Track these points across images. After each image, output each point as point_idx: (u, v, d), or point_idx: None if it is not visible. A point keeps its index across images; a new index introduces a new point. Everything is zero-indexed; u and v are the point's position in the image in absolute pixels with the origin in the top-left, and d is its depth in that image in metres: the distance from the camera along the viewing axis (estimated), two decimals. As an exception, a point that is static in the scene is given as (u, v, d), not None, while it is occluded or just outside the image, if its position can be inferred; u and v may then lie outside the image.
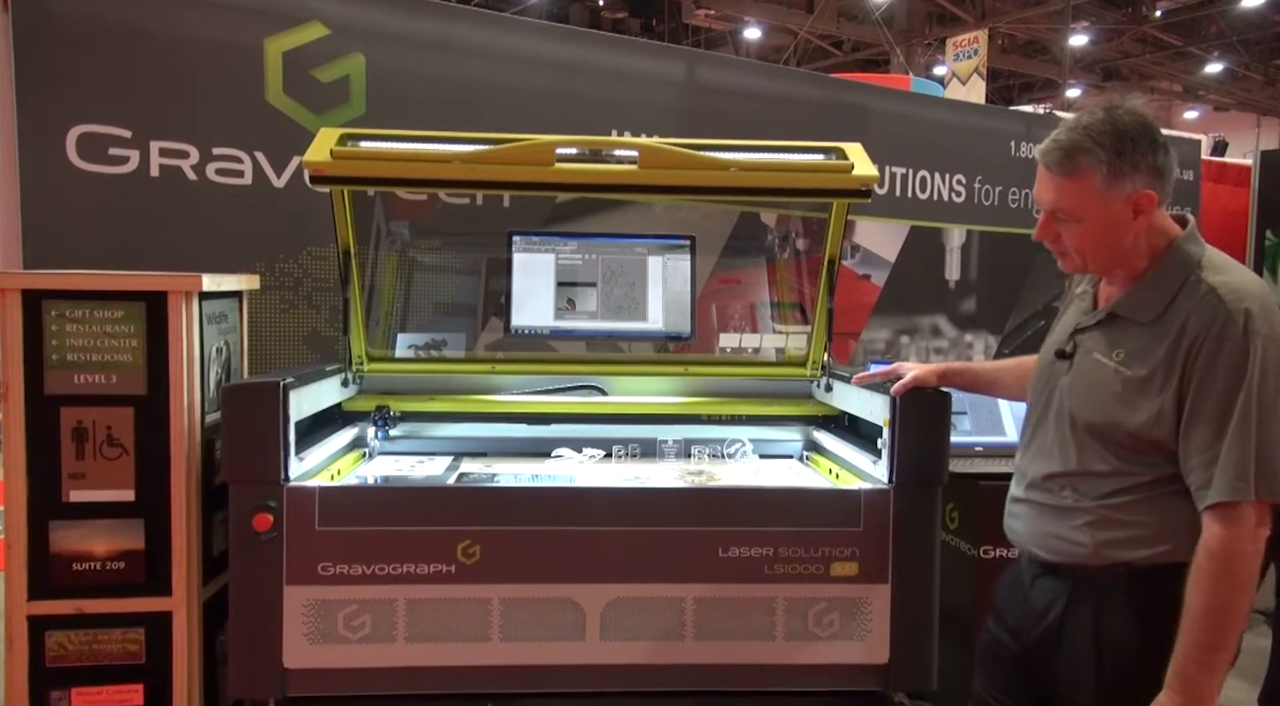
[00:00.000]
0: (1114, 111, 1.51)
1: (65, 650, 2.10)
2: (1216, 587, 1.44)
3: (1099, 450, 1.59)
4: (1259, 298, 1.49)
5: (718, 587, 2.08)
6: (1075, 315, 1.72)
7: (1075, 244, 1.58)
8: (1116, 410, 1.55)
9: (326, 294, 3.04)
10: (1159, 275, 1.56)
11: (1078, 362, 1.64)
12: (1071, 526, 1.62)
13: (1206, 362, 1.47)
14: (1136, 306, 1.58)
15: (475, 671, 2.07)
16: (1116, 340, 1.59)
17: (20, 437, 2.07)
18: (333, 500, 2.04)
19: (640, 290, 2.64)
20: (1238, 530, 1.44)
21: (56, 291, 2.08)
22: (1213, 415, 1.46)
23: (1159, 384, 1.51)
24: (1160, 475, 1.55)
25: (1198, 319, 1.48)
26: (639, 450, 2.67)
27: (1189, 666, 1.45)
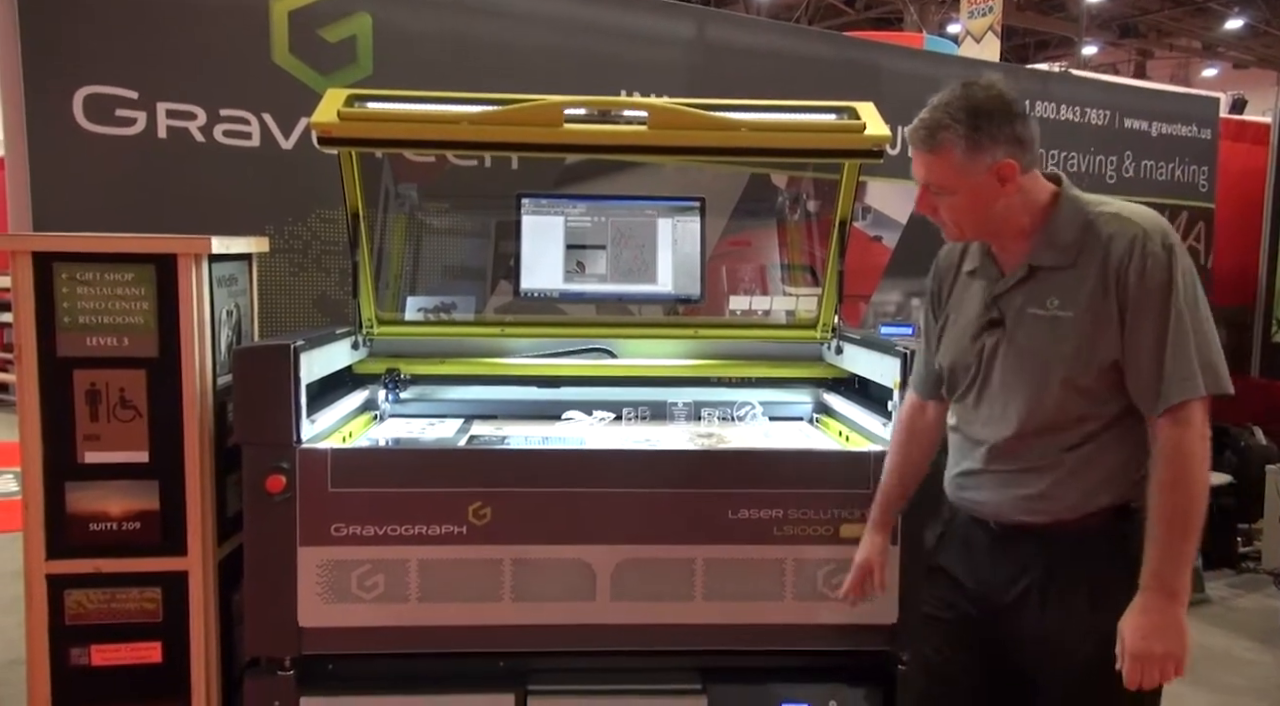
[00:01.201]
0: (970, 88, 1.60)
1: (84, 608, 2.14)
2: (1179, 489, 1.52)
3: (1063, 399, 1.61)
4: (1157, 217, 1.62)
5: (727, 548, 2.10)
6: (981, 290, 1.73)
7: (951, 215, 1.66)
8: (1072, 354, 1.59)
9: (336, 257, 3.04)
10: (1060, 221, 1.63)
11: (1013, 325, 1.67)
12: (1048, 484, 1.64)
13: (1137, 280, 1.55)
14: (1053, 253, 1.63)
15: (487, 630, 2.09)
16: (1045, 290, 1.63)
17: (34, 400, 2.09)
18: (345, 462, 2.05)
19: (650, 252, 2.63)
20: (1188, 430, 1.53)
21: (67, 254, 2.08)
22: (1152, 329, 1.54)
23: (1101, 311, 1.58)
24: (1123, 408, 1.60)
25: (1118, 243, 1.57)
26: (649, 413, 2.67)
27: (1163, 567, 1.53)
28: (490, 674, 2.14)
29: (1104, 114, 4.71)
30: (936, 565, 1.85)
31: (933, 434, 1.91)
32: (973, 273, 1.76)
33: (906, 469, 1.94)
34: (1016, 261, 1.67)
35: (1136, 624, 1.53)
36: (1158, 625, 1.52)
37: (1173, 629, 1.52)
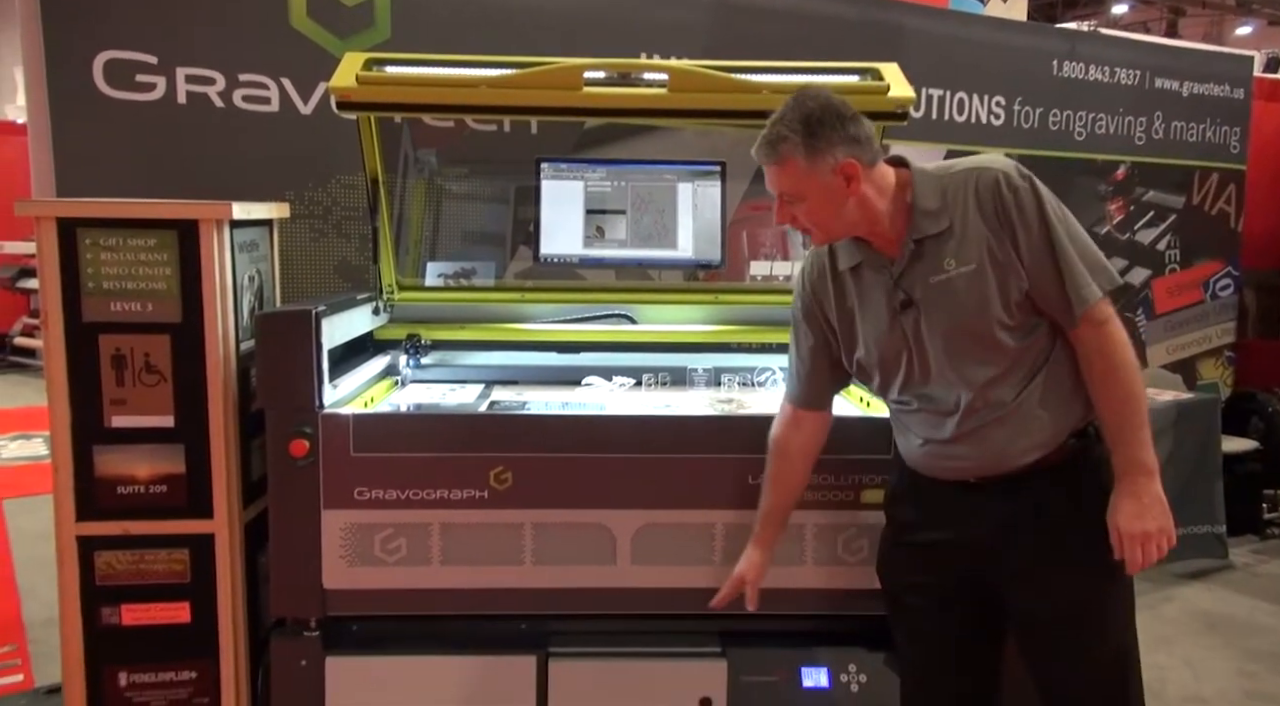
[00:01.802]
0: (801, 99, 1.69)
1: (114, 569, 2.17)
2: (1117, 376, 1.66)
3: (1000, 341, 1.68)
4: (1002, 157, 1.74)
5: (747, 514, 2.10)
6: (878, 281, 1.77)
7: (809, 219, 1.73)
8: (988, 300, 1.67)
9: (356, 222, 3.04)
10: (921, 195, 1.71)
11: (924, 299, 1.72)
12: (1024, 422, 1.70)
13: (1016, 215, 1.66)
14: (929, 221, 1.70)
15: (509, 593, 2.11)
16: (936, 256, 1.70)
17: (61, 364, 2.11)
18: (367, 427, 2.07)
19: (670, 217, 2.61)
20: (1104, 326, 1.66)
21: (90, 219, 2.09)
22: (1044, 253, 1.65)
23: (996, 253, 1.67)
24: (1047, 333, 1.71)
25: (983, 190, 1.67)
26: (669, 378, 2.67)
27: (1132, 450, 1.65)
28: (512, 636, 2.17)
29: (1134, 74, 4.62)
30: (906, 541, 1.90)
31: (810, 446, 1.95)
32: (856, 268, 1.81)
33: (789, 487, 1.97)
34: (898, 242, 1.73)
35: (1126, 509, 1.64)
36: (1146, 504, 1.63)
37: (1158, 503, 1.64)
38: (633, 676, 2.15)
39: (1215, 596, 3.86)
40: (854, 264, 1.80)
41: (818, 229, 1.75)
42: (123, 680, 2.21)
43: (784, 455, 1.95)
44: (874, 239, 1.76)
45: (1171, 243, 4.91)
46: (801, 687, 2.16)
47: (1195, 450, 4.11)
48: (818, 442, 1.96)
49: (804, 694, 2.16)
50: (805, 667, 2.18)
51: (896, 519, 1.94)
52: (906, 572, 1.90)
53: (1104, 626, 1.75)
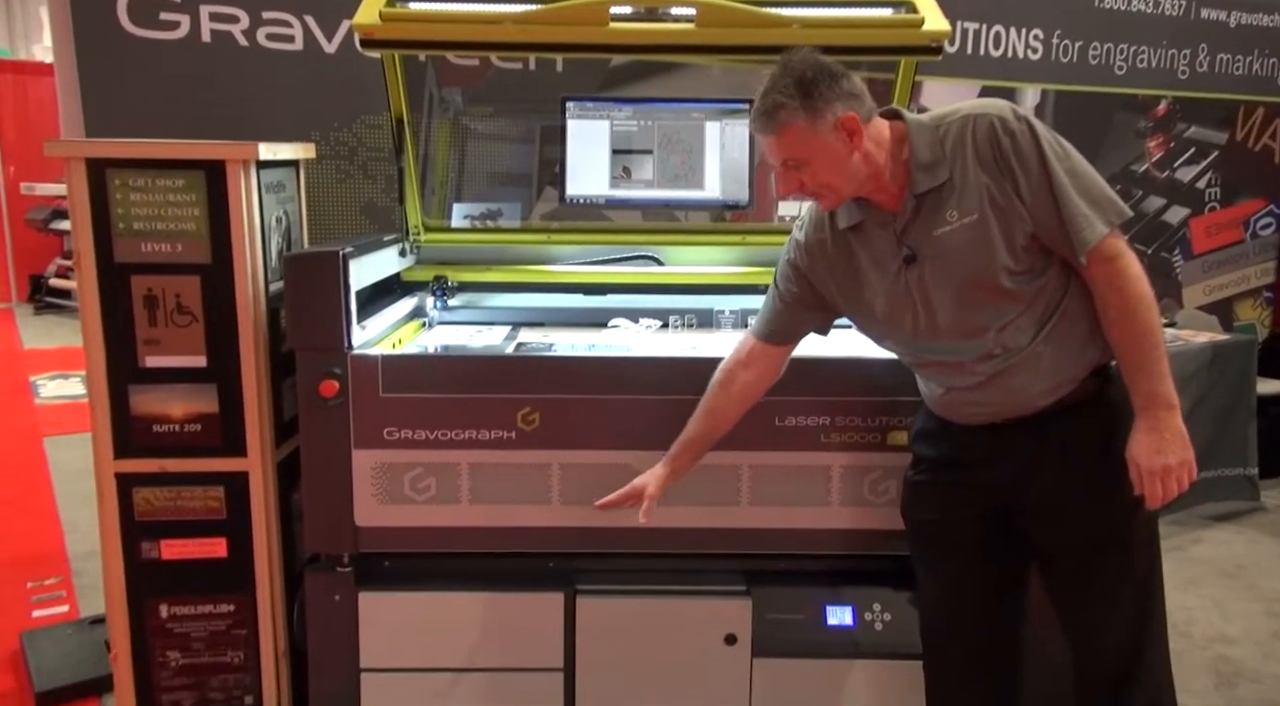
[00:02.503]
0: (789, 65, 1.67)
1: (152, 505, 2.23)
2: (1134, 311, 1.63)
3: (1011, 287, 1.67)
4: (996, 99, 1.72)
5: (773, 455, 2.11)
6: (879, 238, 1.76)
7: (817, 183, 1.71)
8: (993, 247, 1.66)
9: (382, 163, 3.03)
10: (918, 146, 1.69)
11: (929, 252, 1.70)
12: (1051, 362, 1.70)
13: (1015, 158, 1.64)
14: (927, 176, 1.69)
15: (537, 532, 2.14)
16: (938, 210, 1.69)
17: (95, 305, 2.14)
18: (395, 368, 2.08)
19: (697, 157, 2.57)
20: (1117, 260, 1.64)
21: (119, 160, 2.10)
22: (1045, 193, 1.63)
23: (997, 199, 1.65)
24: (1057, 272, 1.70)
25: (980, 137, 1.66)
26: (695, 321, 2.66)
27: (1151, 383, 1.63)
28: (540, 573, 2.21)
29: (1178, 4, 4.46)
30: (928, 480, 1.91)
31: (753, 389, 1.94)
32: (856, 227, 1.78)
33: (714, 416, 1.96)
34: (900, 197, 1.71)
35: (1146, 443, 1.63)
36: (1166, 438, 1.62)
37: (1179, 437, 1.62)
38: (659, 613, 2.19)
39: (1246, 538, 3.85)
40: (855, 223, 1.79)
41: (827, 191, 1.73)
42: (164, 611, 2.28)
43: (725, 387, 1.95)
44: (876, 195, 1.75)
45: (1212, 180, 4.78)
46: (826, 625, 2.19)
47: (1230, 392, 4.05)
48: (763, 385, 1.95)
49: (828, 631, 2.19)
50: (830, 606, 2.20)
51: (921, 457, 1.94)
52: (930, 510, 1.92)
53: (1126, 561, 1.76)
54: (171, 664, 2.30)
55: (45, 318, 8.43)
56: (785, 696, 2.20)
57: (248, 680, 2.32)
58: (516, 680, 2.21)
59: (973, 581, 1.91)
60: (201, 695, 2.33)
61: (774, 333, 1.94)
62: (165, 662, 2.30)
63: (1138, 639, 1.79)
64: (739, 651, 2.18)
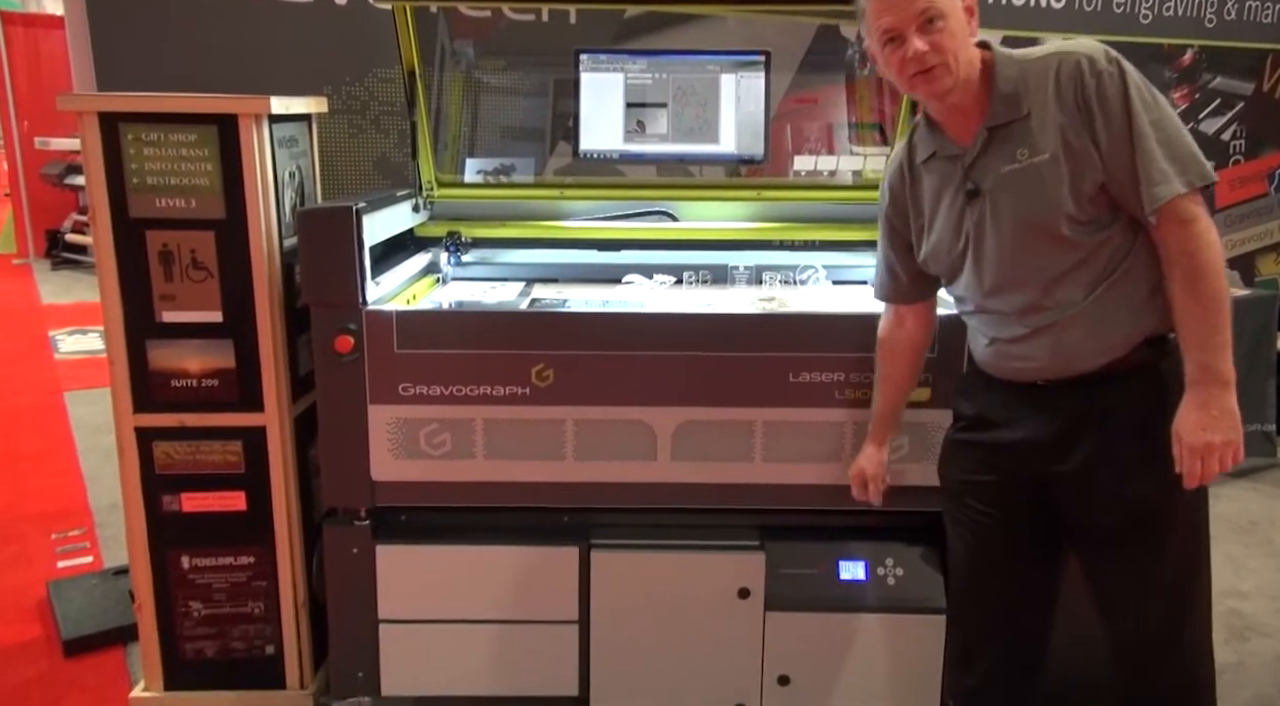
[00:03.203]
0: None
1: (171, 459, 2.25)
2: (1201, 280, 1.55)
3: (1071, 239, 1.61)
4: (1091, 40, 1.63)
5: (787, 411, 2.11)
6: (946, 172, 1.71)
7: (944, 48, 1.59)
8: (1060, 192, 1.59)
9: (394, 118, 3.00)
10: (1000, 79, 1.63)
11: (992, 191, 1.65)
12: (1100, 321, 1.64)
13: (1097, 101, 1.56)
14: (1004, 109, 1.63)
15: (551, 487, 2.16)
16: (1010, 146, 1.63)
17: (111, 260, 2.15)
18: (410, 324, 2.09)
19: (712, 111, 2.54)
20: (1189, 225, 1.55)
21: (131, 114, 2.09)
22: (1124, 142, 1.56)
23: (1073, 142, 1.58)
24: (1124, 229, 1.62)
25: (1065, 74, 1.58)
26: (710, 277, 2.65)
27: (1208, 357, 1.55)
28: (555, 528, 2.23)
29: (1207, -51, 4.34)
30: (967, 438, 1.87)
31: (916, 341, 1.93)
32: (929, 160, 1.75)
33: (896, 381, 1.97)
34: (973, 129, 1.66)
35: (1192, 420, 1.55)
36: (1213, 416, 1.54)
37: (1229, 416, 1.55)
38: (673, 567, 2.21)
39: (1261, 494, 3.84)
40: (929, 155, 1.74)
41: (952, 57, 1.59)
42: (185, 563, 2.32)
43: (890, 352, 1.96)
44: (954, 118, 1.68)
45: (1238, 132, 4.68)
46: (839, 580, 2.21)
47: (1249, 347, 4.01)
48: (923, 337, 1.94)
49: (841, 585, 2.20)
50: (843, 560, 2.22)
51: (961, 414, 1.89)
52: (968, 470, 1.87)
53: (1163, 543, 1.68)
54: (194, 614, 2.35)
55: (62, 273, 8.47)
56: (798, 649, 2.23)
57: (268, 630, 2.37)
58: (532, 632, 2.24)
59: (1002, 546, 1.85)
60: (223, 644, 2.38)
61: (900, 295, 1.92)
62: (188, 612, 2.35)
63: (1173, 621, 1.72)
64: (752, 605, 2.20)
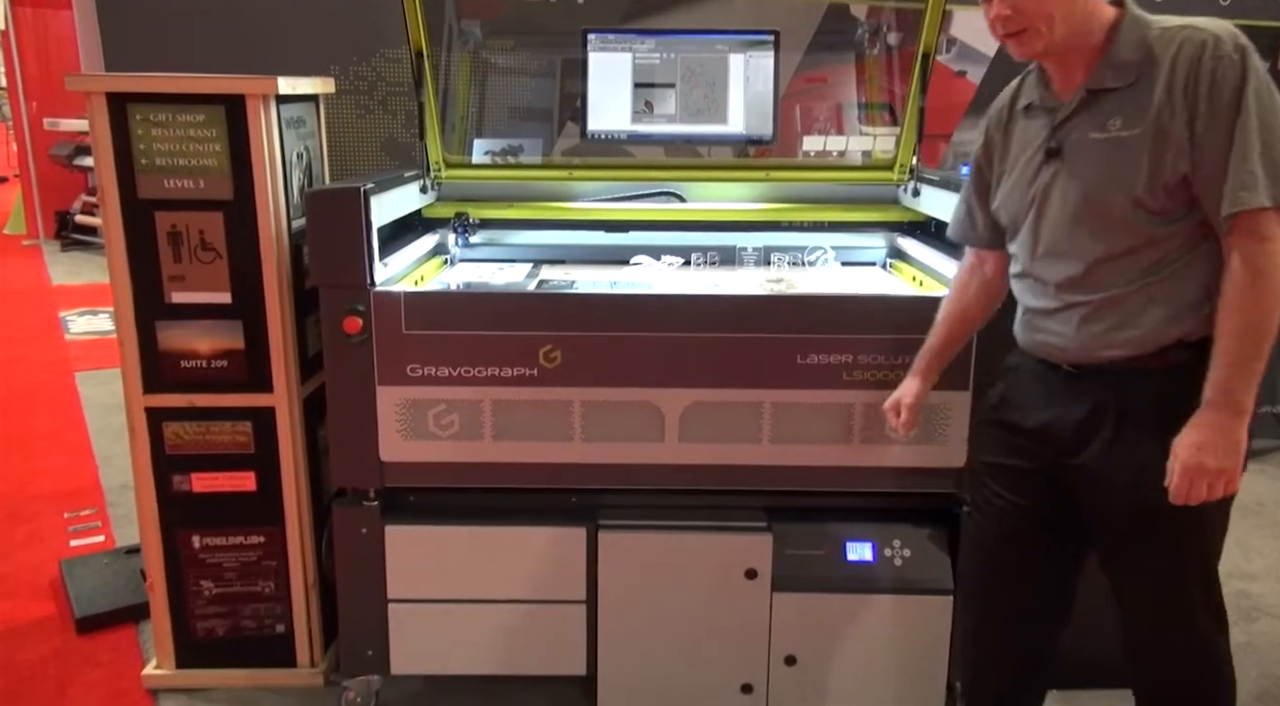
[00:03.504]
0: None
1: (181, 439, 2.27)
2: (1250, 303, 1.47)
3: (1130, 224, 1.55)
4: (1228, 24, 1.51)
5: (795, 393, 2.11)
6: (1038, 124, 1.66)
7: (1034, 7, 1.53)
8: (1137, 174, 1.52)
9: (402, 98, 3.00)
10: (1123, 40, 1.55)
11: (1071, 154, 1.60)
12: (1127, 314, 1.58)
13: (1207, 85, 1.47)
14: (1115, 72, 1.55)
15: (559, 468, 2.17)
16: (1105, 113, 1.56)
17: (120, 241, 2.15)
18: (418, 305, 2.09)
19: (720, 91, 2.53)
20: (1262, 244, 1.45)
21: (139, 94, 2.09)
22: (1222, 135, 1.46)
23: (1168, 125, 1.50)
24: (1190, 231, 1.54)
25: (1187, 50, 1.49)
26: (718, 258, 2.65)
27: (1231, 382, 1.48)
28: (563, 508, 2.24)
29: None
30: (994, 418, 1.84)
31: (992, 287, 1.87)
32: (1029, 108, 1.69)
33: (958, 321, 1.91)
34: (1076, 86, 1.59)
35: (1193, 438, 1.50)
36: (1215, 441, 1.49)
37: (1231, 445, 1.49)
38: (680, 548, 2.22)
39: (1269, 476, 3.83)
40: (1029, 102, 1.68)
41: (1045, 23, 1.54)
42: (196, 542, 2.34)
43: (962, 290, 1.90)
44: (1060, 71, 1.62)
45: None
46: (846, 561, 2.21)
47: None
48: (1000, 284, 1.84)
49: (848, 567, 2.21)
50: (850, 542, 2.22)
51: (992, 396, 1.87)
52: (992, 452, 1.85)
53: (1178, 539, 1.63)
54: (205, 593, 2.37)
55: (72, 254, 8.49)
56: (804, 630, 2.24)
57: (279, 609, 2.39)
58: (540, 612, 2.26)
59: (1019, 533, 1.81)
60: (234, 623, 2.40)
61: (974, 235, 1.85)
62: (199, 591, 2.37)
63: (1181, 613, 1.68)
64: (759, 586, 2.21)
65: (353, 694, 2.32)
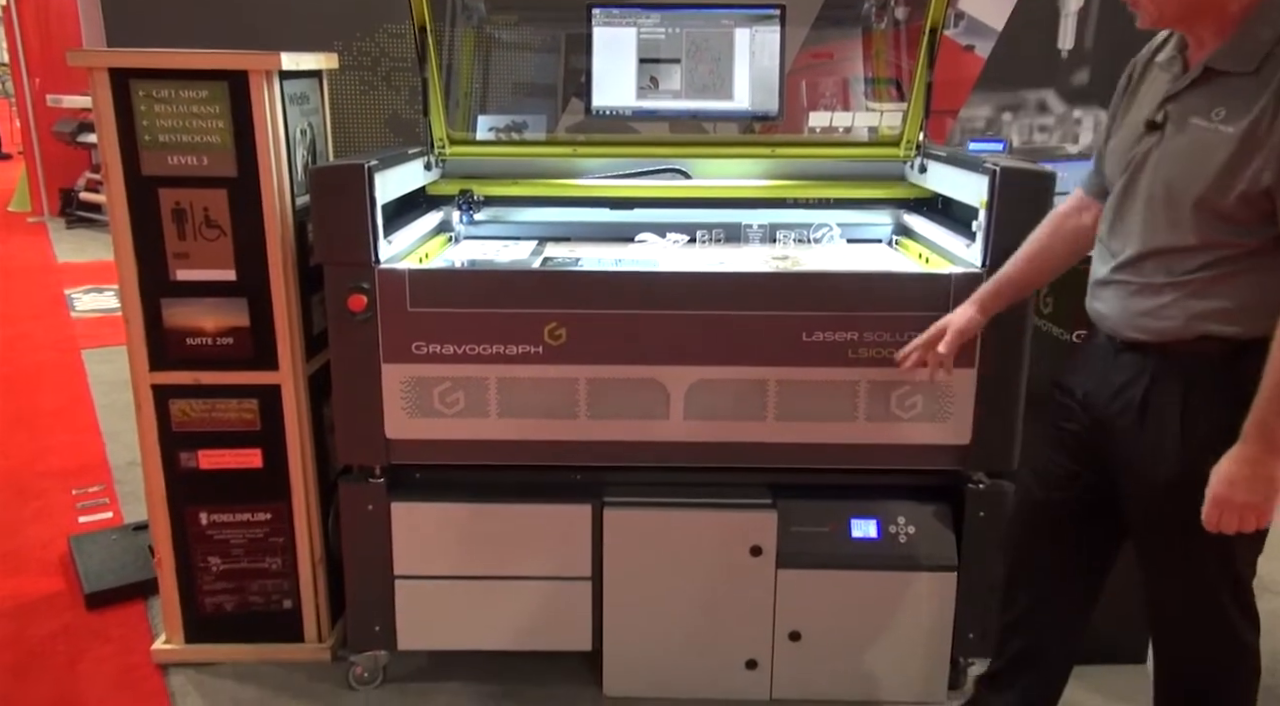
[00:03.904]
0: None
1: (188, 416, 2.27)
2: None
3: (1196, 222, 1.51)
4: None
5: (800, 370, 2.11)
6: (1162, 85, 1.59)
7: None
8: (1217, 173, 1.46)
9: (405, 74, 2.98)
10: (1261, 15, 1.45)
11: (1171, 133, 1.54)
12: (1162, 303, 1.57)
13: None
14: (1237, 55, 1.46)
15: (564, 445, 2.17)
16: (1216, 98, 1.48)
17: (124, 218, 2.15)
18: (422, 282, 2.09)
19: (726, 66, 2.51)
20: None
21: (142, 70, 2.08)
22: None
23: (1265, 128, 1.41)
24: (1260, 244, 1.48)
25: None
26: (723, 235, 2.63)
27: (1270, 417, 1.44)
28: (568, 486, 2.24)
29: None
30: (1058, 383, 1.84)
31: (1083, 237, 1.81)
32: (1164, 63, 1.62)
33: (1039, 256, 1.86)
34: (1200, 58, 1.51)
35: (1226, 470, 1.49)
36: (1247, 475, 1.47)
37: (1262, 481, 1.46)
38: (685, 525, 2.22)
39: None
40: (1165, 59, 1.61)
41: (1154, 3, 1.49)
42: (203, 519, 2.35)
43: (1056, 229, 1.84)
44: (1193, 38, 1.54)
45: None
46: (850, 538, 2.22)
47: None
48: (1090, 237, 1.78)
49: (853, 543, 2.22)
50: (855, 519, 2.23)
51: (1067, 365, 1.86)
52: (1052, 417, 1.85)
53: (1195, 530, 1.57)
54: (213, 568, 2.39)
55: (77, 231, 8.49)
56: (809, 606, 2.25)
57: (286, 585, 2.40)
58: (545, 588, 2.27)
59: (1062, 499, 1.83)
60: (242, 598, 2.41)
61: (1092, 183, 1.80)
62: (207, 567, 2.39)
63: (1204, 599, 1.67)
64: (764, 562, 2.22)
65: (360, 668, 2.34)
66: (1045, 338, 2.30)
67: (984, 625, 2.22)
